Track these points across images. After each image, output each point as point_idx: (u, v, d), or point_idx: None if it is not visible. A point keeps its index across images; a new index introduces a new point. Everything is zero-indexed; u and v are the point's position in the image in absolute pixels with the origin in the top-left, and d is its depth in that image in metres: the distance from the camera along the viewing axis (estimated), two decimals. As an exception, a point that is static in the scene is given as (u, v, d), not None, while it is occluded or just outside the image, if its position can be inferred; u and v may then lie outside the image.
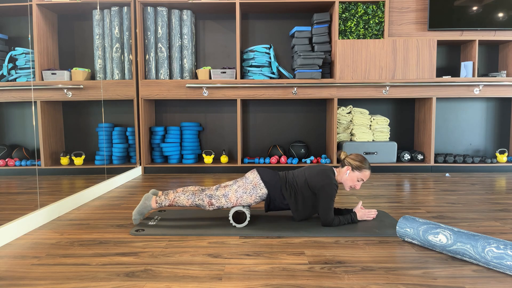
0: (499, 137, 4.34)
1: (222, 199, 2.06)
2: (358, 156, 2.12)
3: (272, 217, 2.26)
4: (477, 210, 2.42)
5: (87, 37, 3.20)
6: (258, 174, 2.09)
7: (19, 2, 2.20)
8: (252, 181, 2.08)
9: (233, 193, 2.06)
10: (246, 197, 2.06)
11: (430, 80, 3.86)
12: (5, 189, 2.28)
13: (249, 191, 2.06)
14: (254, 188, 2.06)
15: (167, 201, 2.09)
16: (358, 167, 2.08)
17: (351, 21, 3.90)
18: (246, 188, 2.06)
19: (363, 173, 2.10)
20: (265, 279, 1.44)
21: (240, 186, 2.07)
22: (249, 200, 2.06)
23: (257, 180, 2.07)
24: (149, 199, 2.10)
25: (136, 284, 1.40)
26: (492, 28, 3.92)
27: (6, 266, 1.58)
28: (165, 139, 4.09)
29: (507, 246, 1.45)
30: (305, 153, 4.17)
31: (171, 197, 2.09)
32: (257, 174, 2.10)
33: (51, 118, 2.77)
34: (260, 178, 2.07)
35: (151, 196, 2.11)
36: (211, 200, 2.06)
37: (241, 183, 2.09)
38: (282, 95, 3.91)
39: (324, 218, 2.01)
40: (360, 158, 2.11)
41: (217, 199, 2.06)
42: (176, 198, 2.08)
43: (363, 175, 2.10)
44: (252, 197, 2.06)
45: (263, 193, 2.06)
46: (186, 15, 3.98)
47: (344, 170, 2.12)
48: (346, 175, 2.11)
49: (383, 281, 1.41)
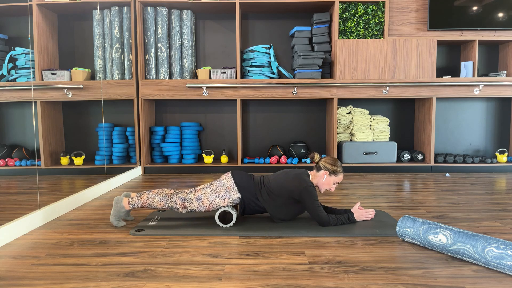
0: (499, 137, 4.34)
1: (195, 202, 2.05)
2: (332, 159, 2.15)
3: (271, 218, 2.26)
4: (477, 210, 2.42)
5: (87, 37, 3.20)
6: (232, 178, 2.08)
7: (19, 2, 2.20)
8: (226, 184, 2.07)
9: (206, 196, 2.05)
10: (218, 201, 2.05)
11: (430, 80, 3.86)
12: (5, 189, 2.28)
13: (222, 194, 2.05)
14: (227, 191, 2.05)
15: (140, 202, 2.07)
16: (334, 171, 2.12)
17: (351, 21, 3.90)
18: (219, 192, 2.05)
19: (338, 176, 2.15)
20: (265, 279, 1.44)
21: (213, 189, 2.06)
22: (221, 203, 2.05)
23: (231, 183, 2.06)
24: (120, 201, 2.08)
25: (136, 284, 1.40)
26: (492, 28, 3.92)
27: (6, 266, 1.58)
28: (165, 139, 4.09)
29: (507, 246, 1.45)
30: (305, 153, 4.17)
31: (144, 198, 2.07)
32: (231, 177, 2.08)
33: (51, 118, 2.77)
34: (234, 182, 2.06)
35: (121, 198, 2.09)
36: (184, 203, 2.05)
37: (214, 187, 2.07)
38: (282, 95, 3.91)
39: (317, 219, 2.02)
40: (334, 162, 2.14)
41: (190, 202, 2.05)
42: (149, 199, 2.07)
43: (338, 178, 2.15)
44: (225, 200, 2.05)
45: (236, 197, 2.06)
46: (186, 15, 3.98)
47: (320, 174, 2.13)
48: (323, 179, 2.13)
49: (383, 281, 1.41)
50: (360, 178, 3.65)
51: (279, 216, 2.09)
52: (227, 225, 2.06)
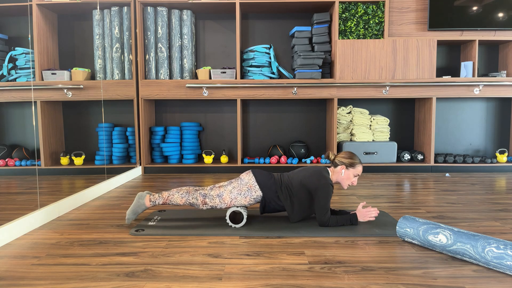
0: (499, 137, 4.34)
1: (216, 199, 2.06)
2: (347, 153, 2.14)
3: (272, 217, 2.26)
4: (477, 210, 2.42)
5: (87, 37, 3.20)
6: (253, 176, 2.09)
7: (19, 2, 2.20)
8: (247, 183, 2.07)
9: (228, 194, 2.06)
10: (240, 199, 2.06)
11: (430, 80, 3.86)
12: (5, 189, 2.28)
13: (244, 192, 2.06)
14: (249, 190, 2.06)
15: (161, 199, 2.09)
16: (352, 164, 2.11)
17: (351, 21, 3.90)
18: (240, 190, 2.06)
19: (356, 168, 2.13)
20: (265, 279, 1.44)
21: (235, 187, 2.07)
22: (243, 201, 2.06)
23: (252, 182, 2.07)
24: (142, 197, 2.10)
25: (136, 284, 1.40)
26: (492, 28, 3.92)
27: (6, 266, 1.58)
28: (165, 139, 4.09)
29: (507, 246, 1.45)
30: (305, 153, 4.17)
31: (165, 196, 2.09)
32: (252, 176, 2.09)
33: (51, 118, 2.77)
34: (255, 180, 2.07)
35: (144, 195, 2.11)
36: (205, 199, 2.06)
37: (236, 184, 2.08)
38: (282, 95, 3.91)
39: (320, 219, 2.01)
40: (350, 155, 2.13)
41: (211, 199, 2.06)
42: (170, 196, 2.09)
43: (357, 170, 2.13)
44: (246, 198, 2.06)
45: (257, 195, 2.06)
46: (186, 15, 3.98)
47: (338, 169, 2.12)
48: (342, 174, 2.12)
49: (383, 281, 1.41)
50: (360, 178, 3.66)
51: (296, 214, 2.07)
52: (238, 225, 2.06)
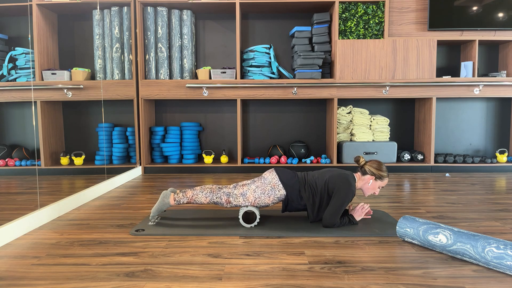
0: (499, 137, 4.34)
1: (240, 198, 2.06)
2: (378, 164, 2.11)
3: (272, 217, 2.26)
4: (477, 210, 2.42)
5: (87, 37, 3.20)
6: (276, 175, 2.08)
7: (19, 2, 2.20)
8: (271, 181, 2.07)
9: (251, 192, 2.05)
10: (264, 198, 2.05)
11: (430, 80, 3.86)
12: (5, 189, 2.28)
13: (268, 191, 2.05)
14: (273, 189, 2.05)
15: (185, 199, 2.09)
16: (380, 176, 2.09)
17: (351, 21, 3.90)
18: (264, 189, 2.05)
19: (384, 181, 2.11)
20: (265, 279, 1.44)
21: (259, 186, 2.06)
22: (267, 200, 2.06)
23: (276, 181, 2.06)
24: (167, 196, 2.11)
25: (136, 284, 1.40)
26: (492, 28, 3.92)
27: (6, 266, 1.58)
28: (165, 139, 4.09)
29: (507, 246, 1.45)
30: (305, 153, 4.17)
31: (189, 195, 2.10)
32: (275, 174, 2.08)
33: (51, 118, 2.77)
34: (279, 179, 2.06)
35: (169, 194, 2.12)
36: (229, 198, 2.06)
37: (259, 183, 2.07)
38: (282, 95, 3.91)
39: (328, 220, 2.00)
40: (380, 166, 2.10)
41: (235, 198, 2.06)
42: (194, 196, 2.09)
43: (384, 183, 2.12)
44: (270, 198, 2.05)
45: (281, 194, 2.05)
46: (186, 15, 3.98)
47: (366, 179, 2.10)
48: (368, 184, 2.10)
49: (383, 281, 1.41)
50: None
51: (317, 214, 2.07)
52: (251, 225, 2.06)
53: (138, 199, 2.80)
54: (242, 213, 2.06)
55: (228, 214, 2.33)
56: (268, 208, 2.47)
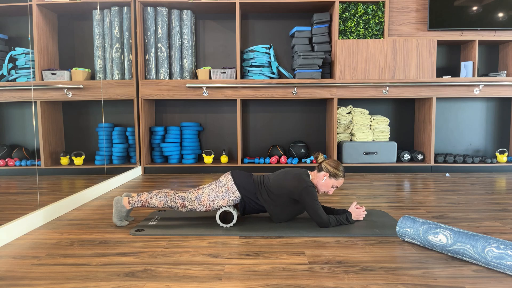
0: (499, 137, 4.34)
1: (195, 201, 2.06)
2: (335, 162, 2.12)
3: (272, 217, 2.26)
4: (477, 210, 2.42)
5: (87, 37, 3.19)
6: (231, 177, 2.08)
7: (19, 2, 2.20)
8: (225, 184, 2.07)
9: (206, 196, 2.06)
10: (218, 200, 2.05)
11: (430, 80, 3.86)
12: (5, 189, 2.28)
13: (222, 194, 2.05)
14: (227, 191, 2.06)
15: (140, 202, 2.08)
16: (335, 175, 2.10)
17: (351, 21, 3.90)
18: (218, 192, 2.06)
19: (338, 180, 2.12)
20: (265, 279, 1.44)
21: (213, 189, 2.07)
22: (221, 203, 2.06)
23: (230, 183, 2.07)
24: (119, 201, 2.10)
25: (136, 284, 1.40)
26: (492, 28, 3.92)
27: (6, 266, 1.58)
28: (165, 139, 4.09)
29: (507, 246, 1.45)
30: (305, 153, 4.17)
31: (144, 198, 2.08)
32: (230, 177, 2.09)
33: (51, 118, 2.77)
34: (233, 182, 2.07)
35: (121, 198, 2.10)
36: (183, 202, 2.06)
37: (214, 187, 2.08)
38: (282, 95, 3.91)
39: (318, 220, 2.00)
40: (337, 165, 2.11)
41: (189, 202, 2.06)
42: (149, 199, 2.08)
43: (338, 182, 2.12)
44: (224, 200, 2.06)
45: (236, 197, 2.06)
46: (186, 15, 3.98)
47: (321, 175, 2.11)
48: (322, 180, 2.11)
49: (383, 281, 1.41)
50: (360, 178, 3.65)
51: (278, 216, 2.09)
52: (228, 225, 2.06)
53: (138, 199, 2.80)
54: (220, 213, 2.06)
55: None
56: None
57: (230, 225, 2.06)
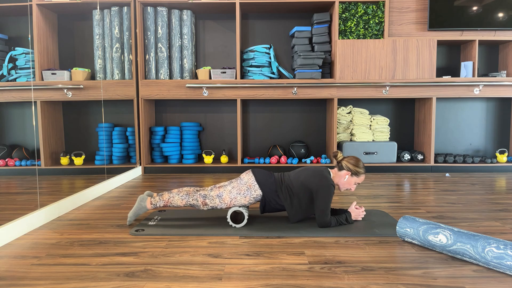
0: (499, 137, 4.34)
1: (216, 199, 2.06)
2: (355, 159, 2.12)
3: (272, 217, 2.26)
4: (477, 210, 2.42)
5: (87, 37, 3.19)
6: (253, 175, 2.09)
7: (19, 2, 2.20)
8: (247, 182, 2.07)
9: (227, 194, 2.06)
10: (240, 198, 2.06)
11: (430, 80, 3.86)
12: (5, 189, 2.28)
13: (243, 192, 2.06)
14: (249, 189, 2.06)
15: (162, 202, 2.09)
16: (357, 172, 2.10)
17: (351, 21, 3.90)
18: (240, 189, 2.06)
19: (360, 177, 2.12)
20: (265, 279, 1.44)
21: (235, 187, 2.07)
22: (243, 201, 2.06)
23: (252, 181, 2.07)
24: (144, 200, 2.11)
25: (136, 284, 1.40)
26: (492, 28, 3.92)
27: (6, 266, 1.58)
28: (165, 139, 4.09)
29: (507, 246, 1.45)
30: (305, 153, 4.17)
31: (166, 198, 2.10)
32: (252, 175, 2.09)
33: (51, 118, 2.77)
34: (255, 179, 2.07)
35: (146, 197, 2.12)
36: (205, 200, 2.06)
37: (236, 184, 2.08)
38: (282, 95, 3.91)
39: (321, 220, 2.00)
40: (357, 162, 2.11)
41: (211, 200, 2.06)
42: (171, 198, 2.09)
43: (360, 179, 2.12)
44: (246, 198, 2.06)
45: (257, 195, 2.06)
46: (186, 15, 3.98)
47: (342, 174, 2.11)
48: (344, 179, 2.11)
49: (383, 281, 1.41)
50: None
51: (296, 214, 2.07)
52: (239, 225, 2.06)
53: (138, 199, 2.80)
54: (231, 213, 2.06)
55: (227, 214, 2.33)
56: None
57: (241, 225, 2.06)
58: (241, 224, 2.06)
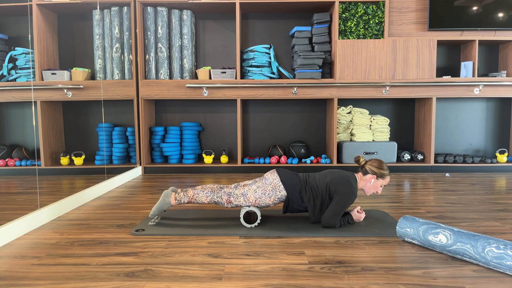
0: (499, 137, 4.34)
1: (240, 198, 2.06)
2: (379, 162, 2.10)
3: (272, 217, 2.26)
4: (477, 210, 2.42)
5: (87, 37, 3.19)
6: (278, 176, 2.07)
7: (19, 2, 2.20)
8: (272, 182, 2.06)
9: (252, 193, 2.05)
10: (264, 198, 2.05)
11: (430, 80, 3.86)
12: (5, 189, 2.28)
13: (268, 192, 2.05)
14: (274, 189, 2.05)
15: (186, 198, 2.10)
16: (382, 175, 2.08)
17: (351, 21, 3.90)
18: (265, 190, 2.05)
19: (386, 179, 2.10)
20: (265, 279, 1.44)
21: (260, 186, 2.06)
22: (267, 201, 2.06)
23: (277, 181, 2.06)
24: (168, 195, 2.12)
25: (136, 284, 1.40)
26: (492, 28, 3.92)
27: (6, 266, 1.58)
28: (165, 139, 4.09)
29: (507, 246, 1.45)
30: (305, 153, 4.17)
31: (190, 194, 2.10)
32: (277, 175, 2.08)
33: (51, 118, 2.77)
34: (280, 180, 2.05)
35: (170, 193, 2.12)
36: (229, 198, 2.06)
37: (261, 184, 2.07)
38: (282, 95, 3.91)
39: (328, 221, 2.00)
40: (381, 165, 2.09)
41: (235, 198, 2.06)
42: (195, 195, 2.09)
43: (385, 181, 2.11)
44: (271, 198, 2.05)
45: (282, 195, 2.05)
46: (186, 15, 3.98)
47: (368, 178, 2.09)
48: (370, 183, 2.09)
49: (383, 281, 1.41)
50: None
51: (317, 216, 2.05)
52: (252, 225, 2.06)
53: (138, 199, 2.80)
54: (244, 213, 2.06)
55: (228, 214, 2.33)
56: (268, 208, 2.47)
57: (254, 225, 2.06)
58: (254, 224, 2.06)
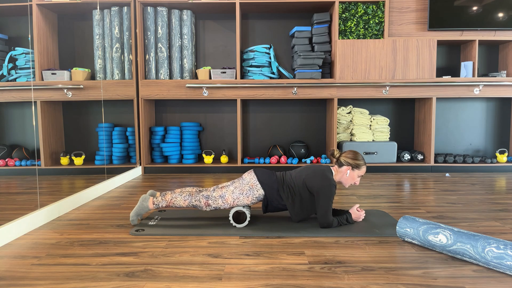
0: (499, 137, 4.34)
1: (218, 200, 2.06)
2: (352, 153, 2.13)
3: (272, 217, 2.26)
4: (477, 210, 2.42)
5: (87, 37, 3.19)
6: (255, 175, 2.09)
7: (19, 2, 2.20)
8: (249, 182, 2.08)
9: (230, 194, 2.06)
10: (242, 198, 2.06)
11: (430, 80, 3.86)
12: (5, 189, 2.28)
13: (246, 192, 2.06)
14: (251, 189, 2.06)
15: (164, 202, 2.09)
16: (357, 165, 2.10)
17: (351, 21, 3.90)
18: (242, 189, 2.06)
19: (362, 169, 2.12)
20: (265, 279, 1.44)
21: (237, 187, 2.07)
22: (245, 201, 2.06)
23: (254, 181, 2.07)
24: (146, 200, 2.11)
25: (136, 284, 1.40)
26: (492, 28, 3.92)
27: (6, 266, 1.58)
28: (165, 139, 4.09)
29: (507, 246, 1.45)
30: (305, 153, 4.17)
31: (168, 198, 2.09)
32: (254, 175, 2.09)
33: (51, 118, 2.77)
34: (257, 179, 2.07)
35: (148, 197, 2.12)
36: (207, 201, 2.06)
37: (238, 184, 2.08)
38: (282, 95, 3.91)
39: (323, 220, 2.00)
40: (355, 155, 2.12)
41: (213, 200, 2.06)
42: (173, 199, 2.09)
43: (361, 171, 2.13)
44: (248, 198, 2.06)
45: (259, 194, 2.06)
46: (186, 15, 3.98)
47: (343, 170, 2.12)
48: (346, 175, 2.11)
49: (383, 281, 1.41)
50: (360, 178, 3.65)
51: (298, 214, 2.07)
52: (241, 225, 2.06)
53: (138, 199, 2.80)
54: (233, 213, 2.06)
55: (228, 214, 2.33)
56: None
57: (243, 225, 2.06)
58: (243, 224, 2.06)
